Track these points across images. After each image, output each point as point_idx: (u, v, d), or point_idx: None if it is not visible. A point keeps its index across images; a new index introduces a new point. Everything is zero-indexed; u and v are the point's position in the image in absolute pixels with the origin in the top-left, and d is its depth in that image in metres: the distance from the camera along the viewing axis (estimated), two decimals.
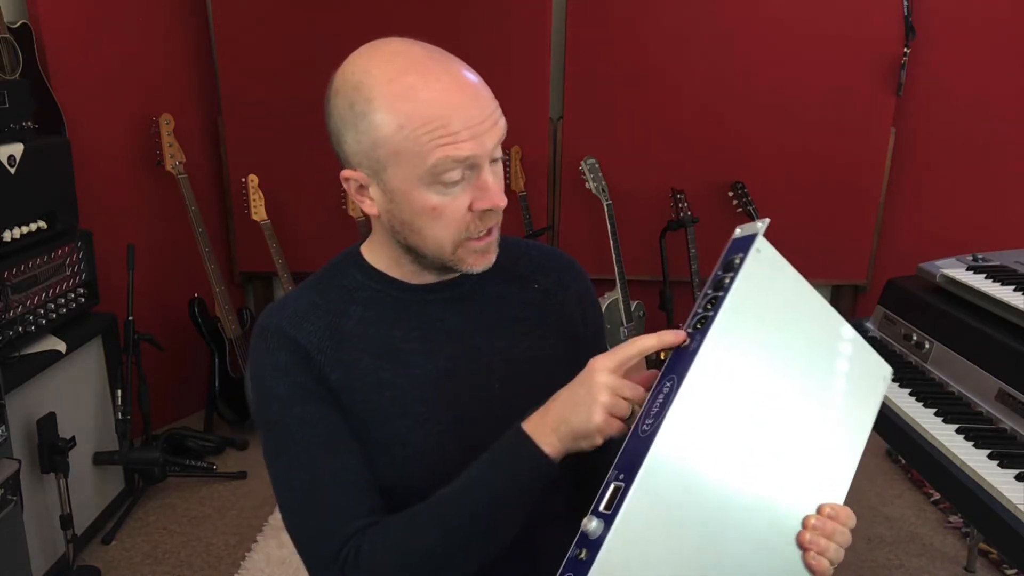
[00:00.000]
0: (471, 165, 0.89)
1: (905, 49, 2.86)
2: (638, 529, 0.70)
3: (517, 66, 2.94)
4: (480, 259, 0.95)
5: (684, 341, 0.79)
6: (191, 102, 3.00)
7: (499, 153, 0.92)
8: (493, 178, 0.91)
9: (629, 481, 0.70)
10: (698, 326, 0.79)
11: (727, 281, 0.80)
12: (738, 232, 0.85)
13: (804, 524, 0.84)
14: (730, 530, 0.77)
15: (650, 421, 0.74)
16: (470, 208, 0.91)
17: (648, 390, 0.81)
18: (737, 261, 0.81)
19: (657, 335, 0.82)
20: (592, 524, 0.70)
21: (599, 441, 0.83)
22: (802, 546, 0.83)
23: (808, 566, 0.82)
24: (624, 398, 0.82)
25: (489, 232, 0.94)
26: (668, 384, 0.76)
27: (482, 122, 0.88)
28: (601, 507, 0.71)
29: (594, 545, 0.69)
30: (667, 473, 0.72)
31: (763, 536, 0.81)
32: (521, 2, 2.93)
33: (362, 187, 0.94)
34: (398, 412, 0.96)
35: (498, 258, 0.98)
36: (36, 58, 2.39)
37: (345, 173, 0.94)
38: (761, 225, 0.82)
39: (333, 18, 2.93)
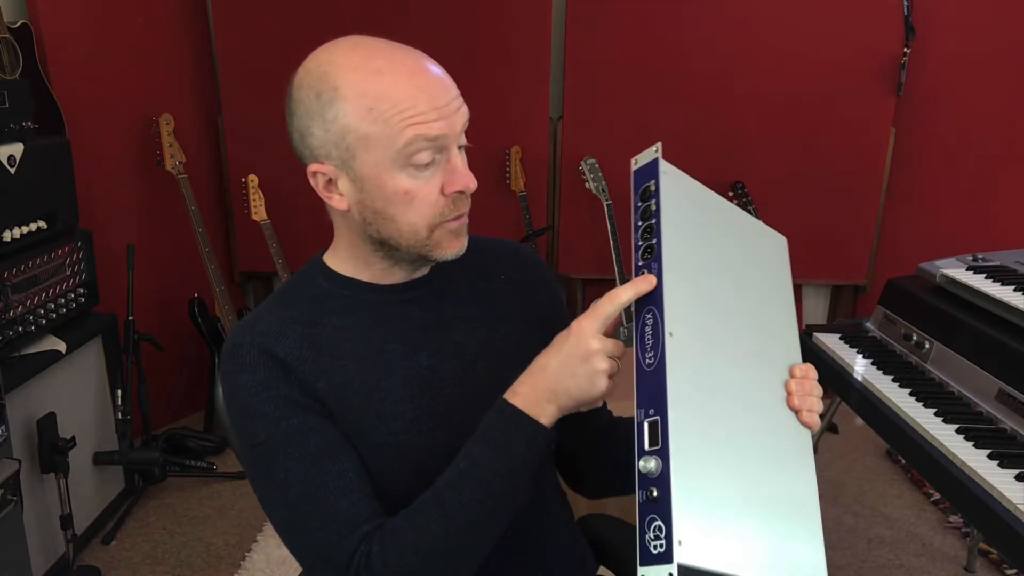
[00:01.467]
0: (440, 148, 0.89)
1: (905, 49, 2.86)
2: (689, 447, 0.75)
3: (517, 66, 2.94)
4: (455, 242, 0.95)
5: (654, 285, 0.83)
6: (191, 102, 3.00)
7: (464, 140, 0.93)
8: (463, 160, 0.92)
9: (662, 412, 0.75)
10: (646, 256, 0.85)
11: (653, 207, 0.86)
12: (636, 162, 0.90)
13: (787, 390, 0.90)
14: (750, 416, 0.85)
15: (651, 354, 0.79)
16: (442, 192, 0.91)
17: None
18: (652, 187, 0.87)
19: (632, 285, 0.84)
20: (650, 464, 0.73)
21: (600, 404, 0.87)
22: (793, 408, 0.90)
23: (804, 424, 0.90)
24: (614, 357, 0.85)
25: (461, 216, 0.95)
26: (649, 317, 0.81)
27: (448, 103, 0.89)
28: (647, 446, 0.75)
29: (661, 480, 0.72)
30: (687, 391, 0.78)
31: (771, 412, 0.88)
32: (521, 2, 2.93)
33: (330, 181, 0.93)
34: (388, 414, 0.96)
35: (464, 254, 0.98)
36: (36, 58, 2.38)
37: (312, 167, 0.93)
38: (656, 149, 0.88)
39: (333, 18, 2.93)
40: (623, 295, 0.84)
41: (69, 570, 2.13)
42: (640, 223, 0.87)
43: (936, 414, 1.53)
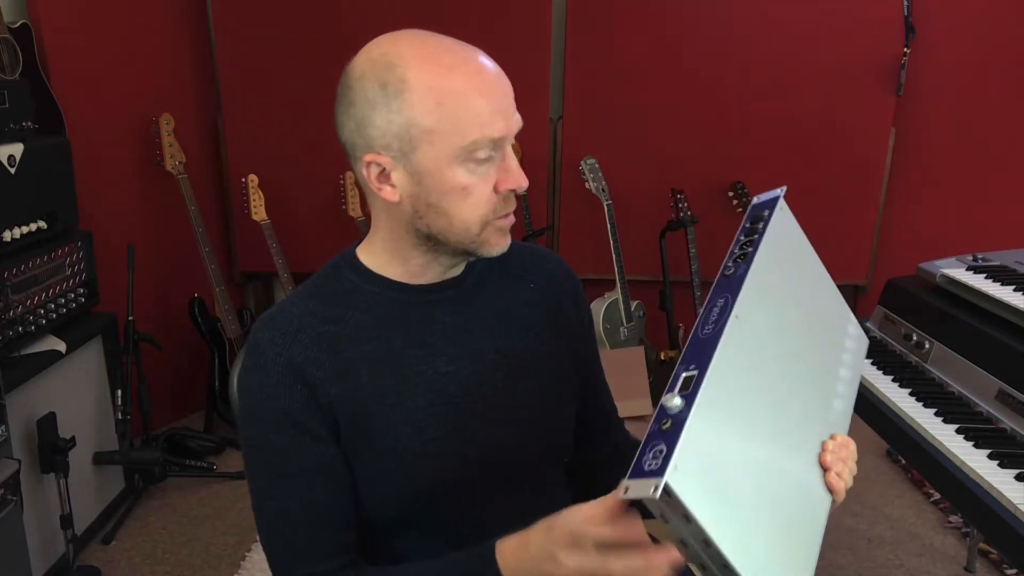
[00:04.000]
0: (497, 146, 0.90)
1: (905, 49, 2.86)
2: (717, 405, 0.75)
3: (517, 66, 2.90)
4: (502, 239, 0.96)
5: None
6: (191, 102, 3.00)
7: (514, 140, 0.94)
8: (515, 162, 0.94)
9: (703, 368, 0.76)
10: (739, 260, 0.88)
11: (760, 226, 0.91)
12: (756, 199, 0.97)
13: (823, 447, 0.90)
14: (776, 430, 0.85)
15: (710, 326, 0.82)
16: (495, 190, 0.92)
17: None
18: (766, 214, 0.93)
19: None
20: (675, 400, 0.73)
21: None
22: (824, 466, 0.89)
23: (828, 484, 0.89)
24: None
25: (509, 213, 0.96)
26: (721, 301, 0.84)
27: (508, 106, 0.91)
28: (677, 390, 0.76)
29: (679, 417, 0.72)
30: (733, 365, 0.79)
31: (800, 450, 0.89)
32: (521, 2, 2.93)
33: (383, 172, 0.91)
34: (399, 419, 0.96)
35: (494, 257, 0.98)
36: (36, 58, 2.38)
37: (368, 157, 0.91)
38: (780, 191, 0.95)
39: (333, 18, 2.93)
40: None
41: (69, 570, 2.12)
42: (742, 238, 0.91)
43: (936, 414, 1.53)
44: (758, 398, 0.83)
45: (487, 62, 0.92)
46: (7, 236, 2.02)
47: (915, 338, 1.77)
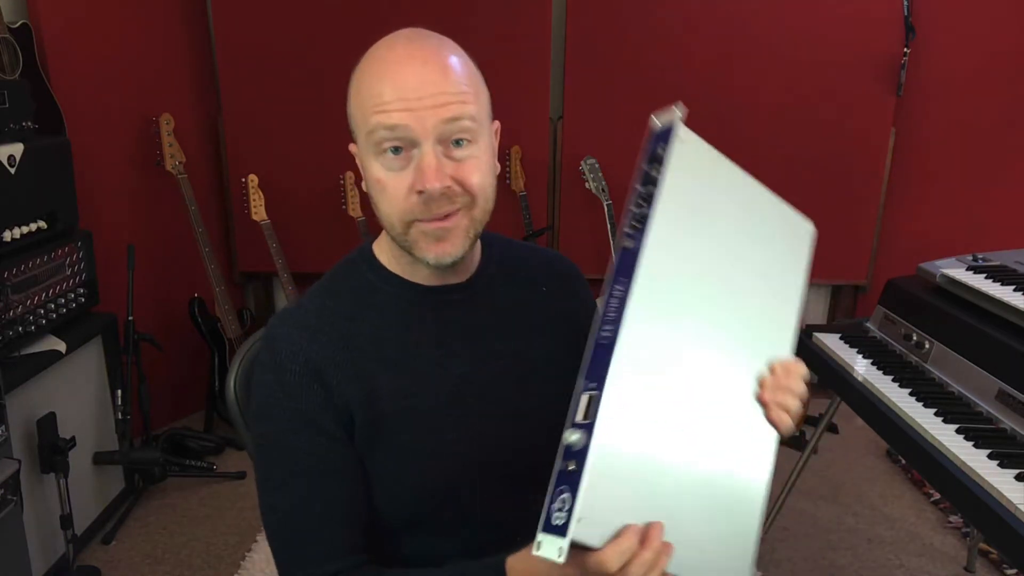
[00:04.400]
0: (409, 142, 0.87)
1: (905, 49, 2.86)
2: (618, 428, 0.72)
3: (517, 66, 2.93)
4: (433, 246, 0.91)
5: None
6: (191, 102, 3.00)
7: (457, 136, 0.89)
8: (437, 160, 0.87)
9: (601, 387, 0.72)
10: (636, 225, 0.79)
11: (655, 174, 0.80)
12: (656, 123, 0.84)
13: (760, 384, 0.87)
14: (709, 407, 0.81)
15: (609, 327, 0.75)
16: (412, 190, 0.89)
17: None
18: (661, 152, 0.81)
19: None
20: (574, 436, 0.71)
21: None
22: (762, 404, 0.86)
23: (771, 422, 0.86)
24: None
25: (445, 217, 0.90)
26: (619, 288, 0.76)
27: (420, 98, 0.86)
28: (578, 418, 0.73)
29: (580, 455, 0.70)
30: (634, 372, 0.74)
31: (735, 405, 0.84)
32: (521, 2, 2.93)
33: (358, 161, 0.96)
34: (414, 420, 0.96)
35: (506, 261, 0.99)
36: (36, 58, 2.38)
37: (351, 147, 0.96)
38: (678, 112, 0.83)
39: (333, 18, 2.93)
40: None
41: (69, 570, 2.12)
42: (639, 188, 0.81)
43: (936, 414, 1.53)
44: (682, 388, 0.79)
45: (420, 52, 0.88)
46: (7, 236, 2.02)
47: (915, 338, 1.77)
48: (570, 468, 0.71)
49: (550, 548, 0.68)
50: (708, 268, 0.84)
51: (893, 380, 1.68)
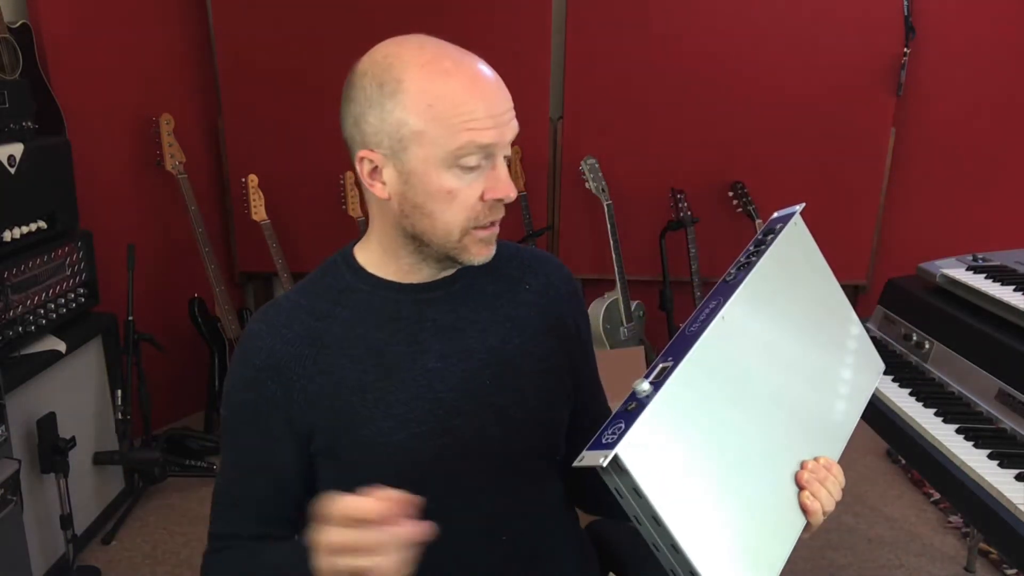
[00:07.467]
0: (488, 155, 0.92)
1: (905, 49, 2.86)
2: (680, 397, 0.77)
3: (517, 66, 2.93)
4: (483, 249, 0.97)
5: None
6: (191, 102, 3.00)
7: (509, 151, 0.96)
8: (507, 171, 0.95)
9: (678, 360, 0.79)
10: (742, 268, 0.91)
11: (770, 238, 0.93)
12: (776, 214, 0.99)
13: (802, 466, 0.89)
14: (749, 434, 0.85)
15: (698, 324, 0.84)
16: (481, 198, 0.93)
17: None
18: (778, 227, 0.95)
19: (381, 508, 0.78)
20: (643, 385, 0.77)
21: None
22: (799, 484, 0.88)
23: (802, 505, 0.87)
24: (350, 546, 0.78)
25: (493, 223, 0.96)
26: (714, 303, 0.86)
27: (503, 114, 0.92)
28: (651, 377, 0.78)
29: (644, 400, 0.75)
30: (706, 364, 0.81)
31: (776, 464, 0.88)
32: (521, 2, 2.93)
33: (375, 169, 0.94)
34: (380, 414, 0.97)
35: (492, 259, 0.99)
36: (36, 58, 2.38)
37: (361, 153, 0.94)
38: (798, 207, 0.98)
39: (333, 19, 2.93)
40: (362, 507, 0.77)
41: (69, 570, 2.12)
42: (751, 248, 0.93)
43: (936, 414, 1.53)
44: (733, 399, 0.83)
45: (485, 70, 0.93)
46: (7, 236, 2.02)
47: (915, 338, 1.77)
48: (630, 407, 0.75)
49: (592, 458, 0.71)
50: (788, 335, 0.93)
51: (893, 380, 1.68)
